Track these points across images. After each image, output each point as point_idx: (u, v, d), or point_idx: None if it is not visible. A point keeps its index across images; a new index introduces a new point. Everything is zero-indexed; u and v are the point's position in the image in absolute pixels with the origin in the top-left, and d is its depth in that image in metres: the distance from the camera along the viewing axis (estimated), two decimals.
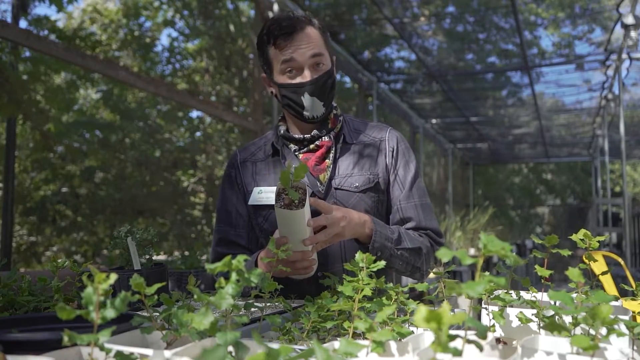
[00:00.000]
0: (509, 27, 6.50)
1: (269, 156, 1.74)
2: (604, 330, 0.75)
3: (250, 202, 1.70)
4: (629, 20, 5.64)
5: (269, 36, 1.62)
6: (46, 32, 6.36)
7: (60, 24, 8.82)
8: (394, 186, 1.70)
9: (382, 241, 1.54)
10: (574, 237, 1.04)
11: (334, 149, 1.69)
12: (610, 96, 8.54)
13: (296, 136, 1.69)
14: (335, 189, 1.65)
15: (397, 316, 1.00)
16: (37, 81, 5.92)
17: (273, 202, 1.39)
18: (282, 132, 1.72)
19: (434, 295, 1.11)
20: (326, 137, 1.68)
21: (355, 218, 1.50)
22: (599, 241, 1.02)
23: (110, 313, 0.66)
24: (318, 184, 1.65)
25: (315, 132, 1.67)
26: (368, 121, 1.84)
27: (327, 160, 1.68)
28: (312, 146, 1.68)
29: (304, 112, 1.63)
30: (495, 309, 1.00)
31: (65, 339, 0.64)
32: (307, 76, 1.59)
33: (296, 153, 1.69)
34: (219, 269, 0.72)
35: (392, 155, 1.71)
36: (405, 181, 1.70)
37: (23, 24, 5.96)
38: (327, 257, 1.63)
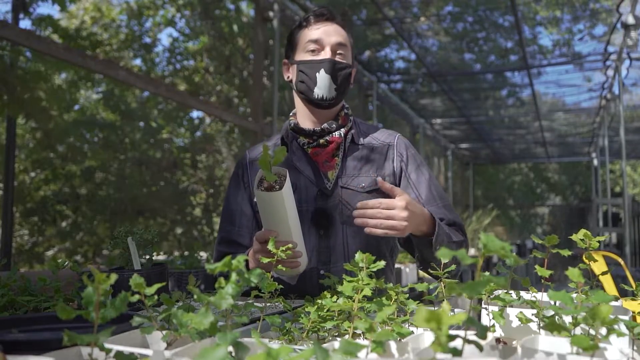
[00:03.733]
0: (508, 26, 6.51)
1: None
2: (604, 330, 0.75)
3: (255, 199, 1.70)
4: (629, 20, 5.65)
5: (304, 19, 1.70)
6: (49, 30, 6.34)
7: (62, 23, 8.82)
8: (407, 190, 1.69)
9: (443, 235, 1.53)
10: (574, 237, 1.04)
11: (343, 146, 1.69)
12: (610, 96, 8.54)
13: (306, 128, 1.69)
14: (342, 187, 1.65)
15: (397, 316, 1.00)
16: (39, 81, 5.91)
17: None
18: (292, 125, 1.71)
19: (433, 295, 1.11)
20: (336, 134, 1.68)
21: (418, 212, 1.45)
22: (599, 241, 1.02)
23: (110, 313, 0.66)
24: (326, 180, 1.65)
25: (325, 125, 1.67)
26: (377, 126, 1.86)
27: (336, 158, 1.68)
28: (321, 141, 1.67)
29: (315, 90, 1.63)
30: (495, 309, 1.00)
31: (65, 339, 0.64)
32: (327, 55, 1.64)
33: (305, 147, 1.69)
34: (219, 269, 0.72)
35: (402, 160, 1.72)
36: (419, 185, 1.69)
37: (27, 23, 5.97)
38: (330, 255, 1.63)
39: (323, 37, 1.64)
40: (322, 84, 1.62)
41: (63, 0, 5.58)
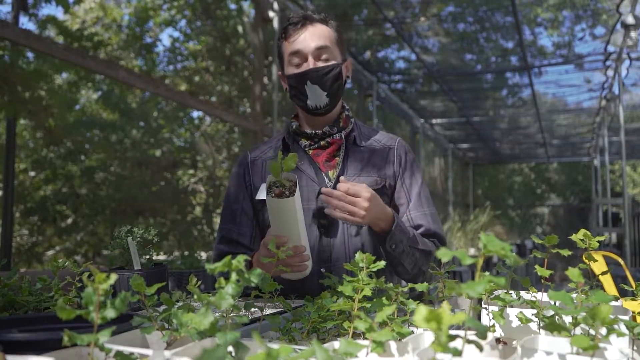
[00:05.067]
0: (509, 27, 6.51)
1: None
2: (604, 330, 0.75)
3: (257, 197, 1.71)
4: (629, 20, 5.65)
5: (283, 31, 1.69)
6: (55, 32, 6.34)
7: (67, 24, 8.81)
8: (400, 193, 1.72)
9: (400, 235, 1.56)
10: (574, 237, 1.04)
11: (344, 147, 1.71)
12: (610, 96, 8.54)
13: (307, 131, 1.70)
14: None
15: (397, 316, 1.00)
16: (39, 81, 5.90)
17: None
18: (294, 127, 1.73)
19: (434, 295, 1.11)
20: (337, 135, 1.70)
21: (381, 207, 1.52)
22: (598, 241, 1.02)
23: (110, 313, 0.66)
24: (326, 180, 1.66)
25: (326, 128, 1.69)
26: (376, 129, 1.87)
27: (337, 158, 1.70)
28: (322, 142, 1.69)
29: (307, 102, 1.65)
30: (495, 309, 1.00)
31: (65, 339, 0.64)
32: (309, 65, 1.63)
33: (306, 149, 1.71)
34: (219, 269, 0.72)
35: (400, 164, 1.74)
36: (411, 190, 1.73)
37: (32, 26, 5.96)
38: (330, 255, 1.63)
39: (302, 47, 1.63)
40: (312, 95, 1.64)
41: (66, 2, 5.58)
